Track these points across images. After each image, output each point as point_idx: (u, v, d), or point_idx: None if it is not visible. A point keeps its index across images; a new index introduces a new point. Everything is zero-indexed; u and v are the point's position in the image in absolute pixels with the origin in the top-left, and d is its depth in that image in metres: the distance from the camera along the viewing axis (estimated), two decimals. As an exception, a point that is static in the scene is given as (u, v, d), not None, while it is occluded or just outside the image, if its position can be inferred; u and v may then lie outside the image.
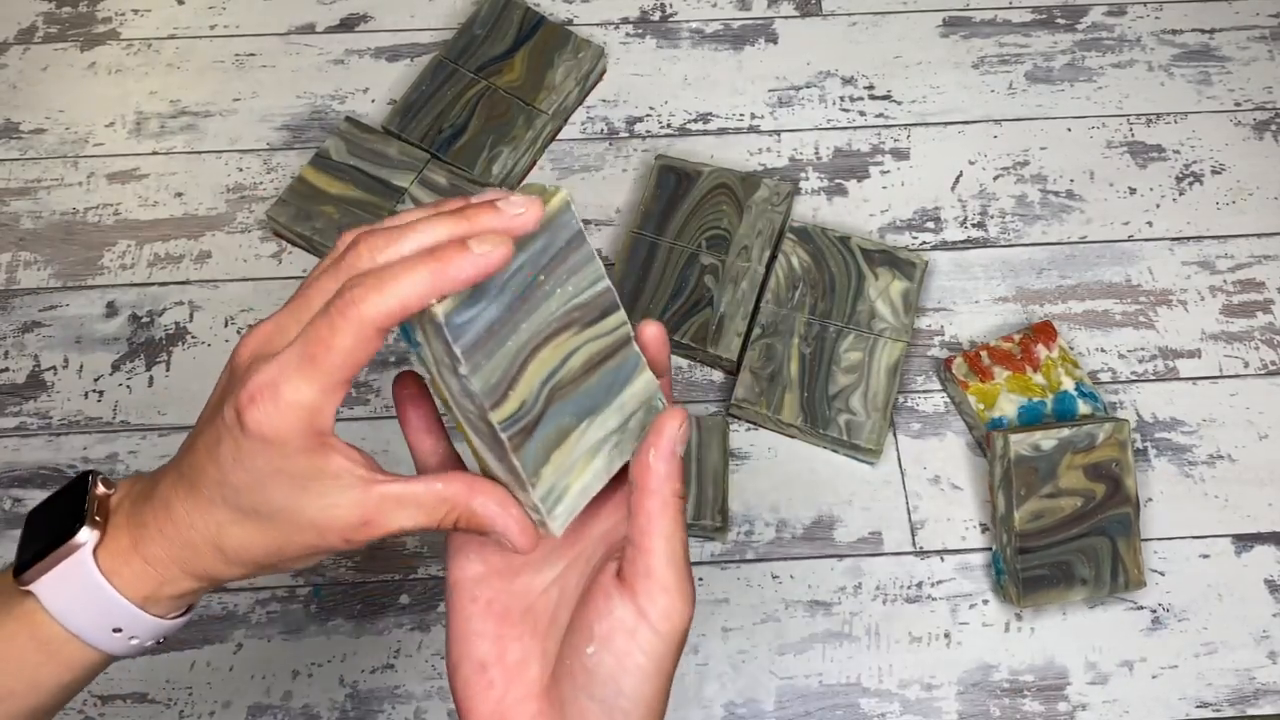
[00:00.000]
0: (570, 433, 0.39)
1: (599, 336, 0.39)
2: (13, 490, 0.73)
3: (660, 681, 0.38)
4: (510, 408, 0.37)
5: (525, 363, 0.37)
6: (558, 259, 0.38)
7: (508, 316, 0.37)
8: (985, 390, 0.73)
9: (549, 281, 0.37)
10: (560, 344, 0.38)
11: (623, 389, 0.40)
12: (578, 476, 0.39)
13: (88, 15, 0.91)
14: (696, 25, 0.91)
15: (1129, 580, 0.68)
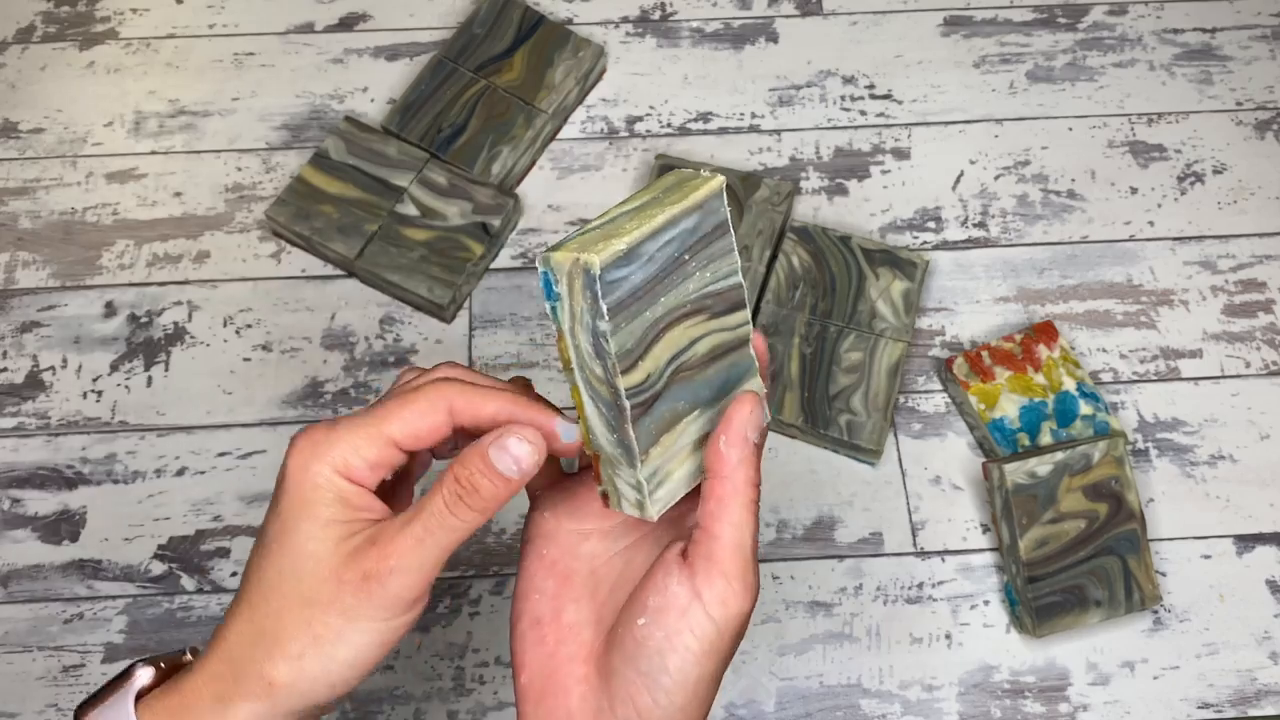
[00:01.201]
0: (681, 419, 0.39)
1: (724, 329, 0.39)
2: (11, 490, 0.73)
3: (708, 666, 0.37)
4: (637, 377, 0.37)
5: (659, 336, 0.37)
6: (703, 242, 0.38)
7: (651, 286, 0.37)
8: (986, 390, 0.73)
9: (692, 262, 0.38)
10: (691, 327, 0.38)
11: (734, 388, 0.40)
12: (680, 464, 0.39)
13: (86, 15, 0.91)
14: (697, 24, 0.91)
15: (1144, 597, 0.67)
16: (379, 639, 0.36)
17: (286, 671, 0.36)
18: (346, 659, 0.36)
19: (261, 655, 0.37)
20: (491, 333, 0.78)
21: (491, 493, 0.36)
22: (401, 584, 0.36)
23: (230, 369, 0.77)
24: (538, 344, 0.77)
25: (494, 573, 0.71)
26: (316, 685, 0.36)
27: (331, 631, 0.36)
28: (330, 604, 0.36)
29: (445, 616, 0.69)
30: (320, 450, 0.37)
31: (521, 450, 0.37)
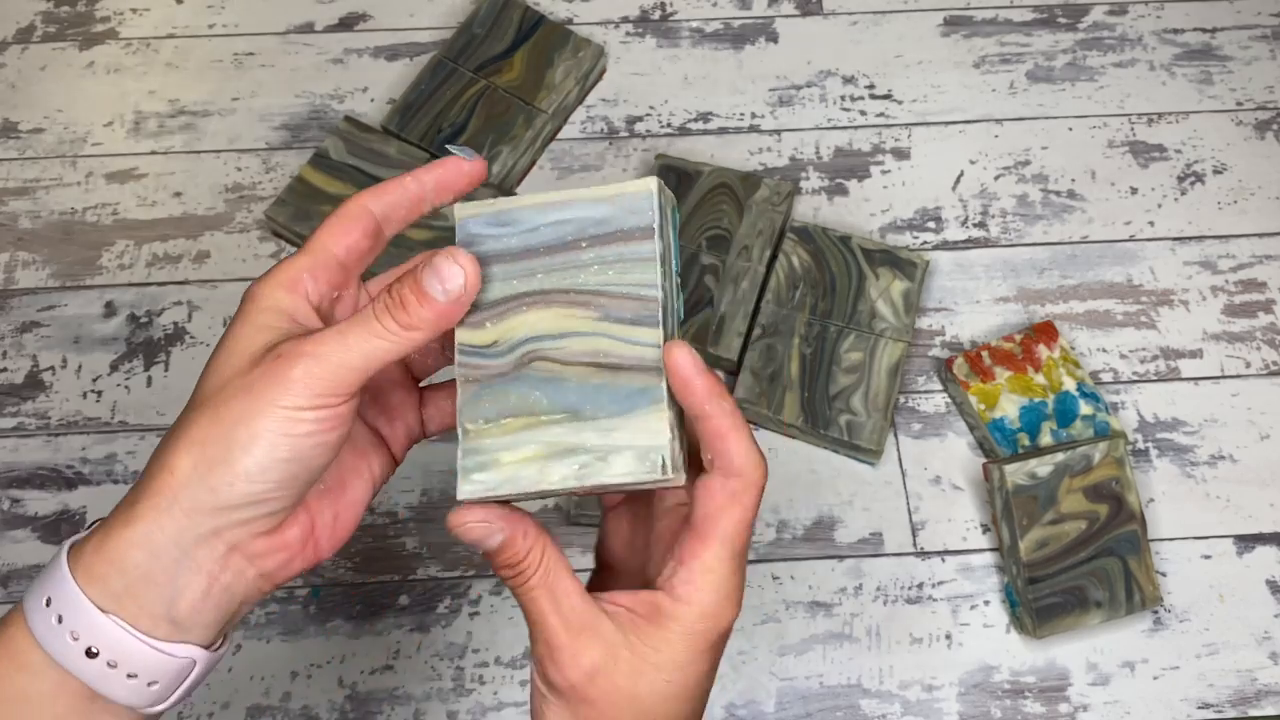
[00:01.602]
0: (538, 414, 0.36)
1: (618, 340, 0.36)
2: (11, 490, 0.73)
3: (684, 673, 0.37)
4: (481, 338, 0.36)
5: (517, 308, 0.36)
6: (613, 237, 0.36)
7: (527, 256, 0.36)
8: (986, 390, 0.73)
9: (589, 250, 0.36)
10: (568, 316, 0.36)
11: (623, 416, 0.36)
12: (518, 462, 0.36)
13: (86, 15, 0.91)
14: (697, 24, 0.91)
15: (1145, 598, 0.67)
16: (283, 426, 0.34)
17: (187, 457, 0.34)
18: (246, 442, 0.34)
19: (167, 447, 0.35)
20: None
21: (416, 311, 0.35)
22: (309, 369, 0.34)
23: (230, 369, 0.77)
24: (538, 344, 0.77)
25: (494, 573, 0.71)
26: (218, 472, 0.34)
27: (233, 413, 0.34)
28: (239, 389, 0.35)
29: (445, 616, 0.69)
30: (268, 276, 0.38)
31: (449, 271, 0.35)
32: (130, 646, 0.34)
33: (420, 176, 0.40)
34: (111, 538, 0.35)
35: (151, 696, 0.36)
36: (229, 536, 0.35)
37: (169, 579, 0.35)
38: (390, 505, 0.72)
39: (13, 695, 0.35)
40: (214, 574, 0.35)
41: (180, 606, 0.35)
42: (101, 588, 0.34)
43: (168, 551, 0.34)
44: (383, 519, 0.72)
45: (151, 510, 0.34)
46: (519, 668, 0.68)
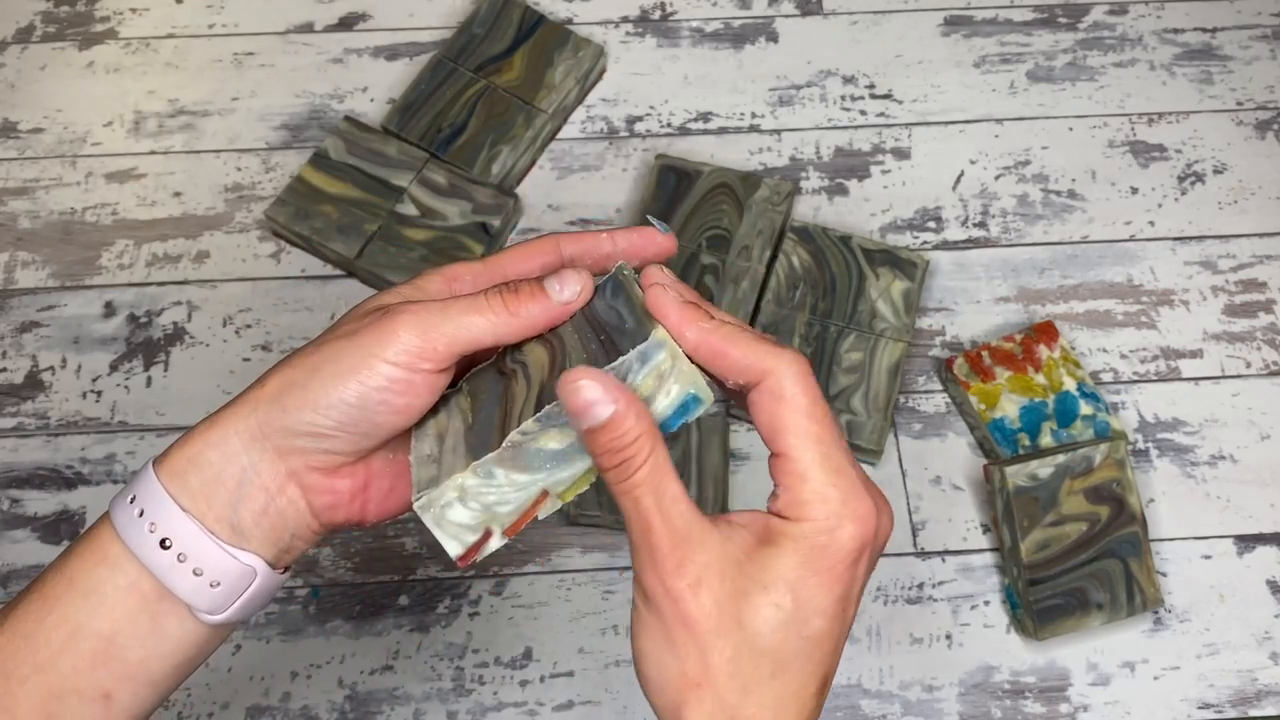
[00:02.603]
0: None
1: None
2: (10, 491, 0.73)
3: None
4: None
5: None
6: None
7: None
8: (987, 390, 0.73)
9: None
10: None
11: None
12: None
13: (86, 14, 0.91)
14: (697, 24, 0.91)
15: (1146, 599, 0.67)
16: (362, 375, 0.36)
17: (276, 378, 0.37)
18: (324, 376, 0.36)
19: (270, 370, 0.38)
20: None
21: (529, 302, 0.37)
22: (407, 324, 0.36)
23: (230, 369, 0.77)
24: (538, 344, 0.77)
25: (494, 573, 0.71)
26: (291, 398, 0.37)
27: (330, 350, 0.37)
28: (346, 332, 0.37)
29: (445, 617, 0.69)
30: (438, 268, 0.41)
31: (570, 279, 0.38)
32: (200, 542, 0.37)
33: (616, 238, 0.41)
34: (195, 437, 0.38)
35: (212, 599, 0.37)
36: (290, 460, 0.37)
37: (236, 485, 0.37)
38: (390, 505, 0.72)
39: (89, 587, 0.37)
40: (271, 494, 0.38)
41: (242, 514, 0.37)
42: (180, 484, 0.37)
43: (238, 457, 0.37)
44: (382, 519, 0.72)
45: (234, 415, 0.37)
46: (519, 668, 0.68)
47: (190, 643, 0.38)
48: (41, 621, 0.37)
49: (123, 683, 0.37)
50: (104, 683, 0.37)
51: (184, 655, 0.38)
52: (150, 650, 0.38)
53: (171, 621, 0.38)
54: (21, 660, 0.37)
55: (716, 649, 0.33)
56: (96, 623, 0.37)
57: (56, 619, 0.37)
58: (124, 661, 0.37)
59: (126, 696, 0.38)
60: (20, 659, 0.37)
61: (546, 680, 0.68)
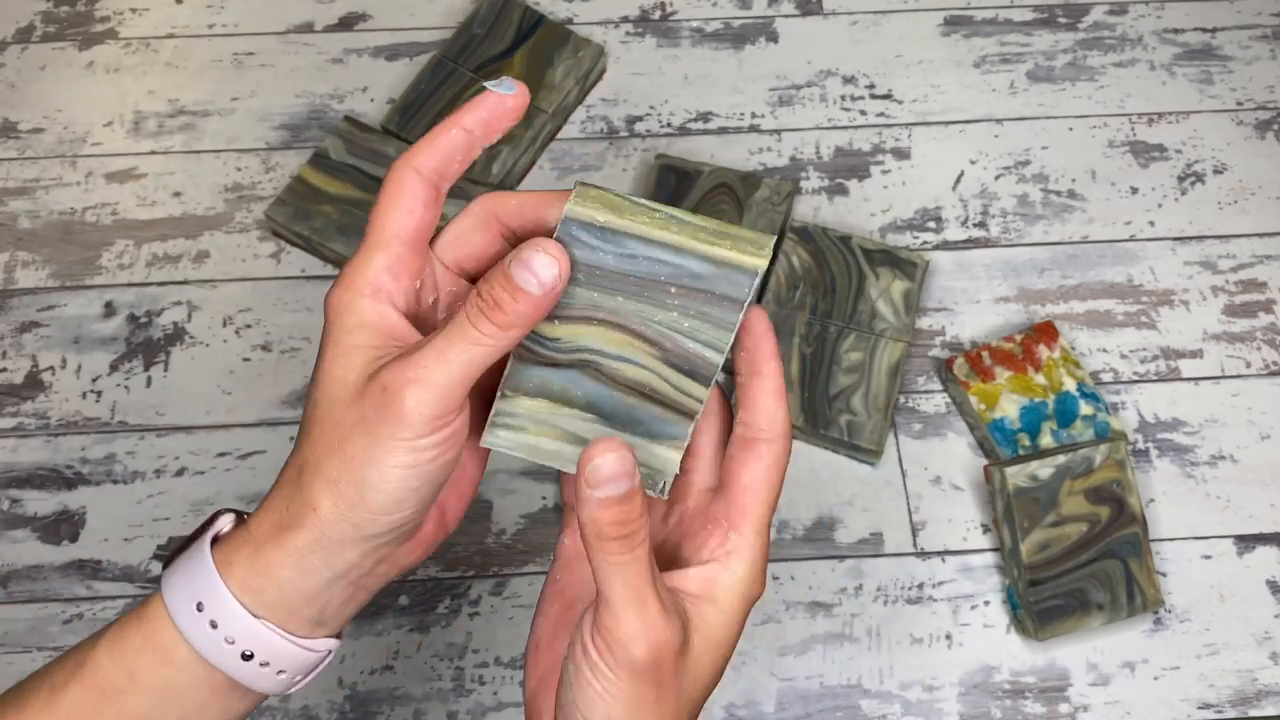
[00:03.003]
0: (571, 406, 0.38)
1: (669, 383, 0.38)
2: (10, 491, 0.73)
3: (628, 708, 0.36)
4: (545, 329, 0.37)
5: (591, 318, 0.37)
6: (701, 295, 0.37)
7: (616, 278, 0.37)
8: (987, 390, 0.73)
9: (676, 298, 0.37)
10: (632, 344, 0.37)
11: (647, 439, 0.38)
12: (541, 435, 0.38)
13: (86, 14, 0.91)
14: (697, 24, 0.91)
15: (1146, 600, 0.67)
16: (408, 459, 0.35)
17: (327, 497, 0.35)
18: (378, 482, 0.35)
19: (306, 483, 0.36)
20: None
21: (512, 308, 0.35)
22: (419, 398, 0.34)
23: (230, 369, 0.77)
24: (538, 344, 0.77)
25: (494, 573, 0.71)
26: (358, 511, 0.35)
27: (360, 452, 0.35)
28: (356, 424, 0.35)
29: (445, 617, 0.69)
30: (346, 283, 0.37)
31: (540, 262, 0.35)
32: (283, 648, 0.37)
33: (463, 123, 0.38)
34: (265, 554, 0.36)
35: (291, 683, 0.38)
36: (376, 555, 0.37)
37: (319, 592, 0.37)
38: (390, 505, 0.72)
39: (156, 686, 0.37)
40: (357, 585, 0.37)
41: (327, 613, 0.37)
42: (255, 598, 0.36)
43: (320, 573, 0.36)
44: (382, 519, 0.72)
45: (302, 539, 0.36)
46: (519, 668, 0.68)
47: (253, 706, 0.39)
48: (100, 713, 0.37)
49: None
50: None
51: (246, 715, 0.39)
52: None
53: (241, 702, 0.38)
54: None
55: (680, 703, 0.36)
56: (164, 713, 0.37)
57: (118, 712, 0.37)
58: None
59: None
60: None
61: (546, 680, 0.68)
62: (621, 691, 0.35)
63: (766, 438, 0.38)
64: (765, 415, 0.38)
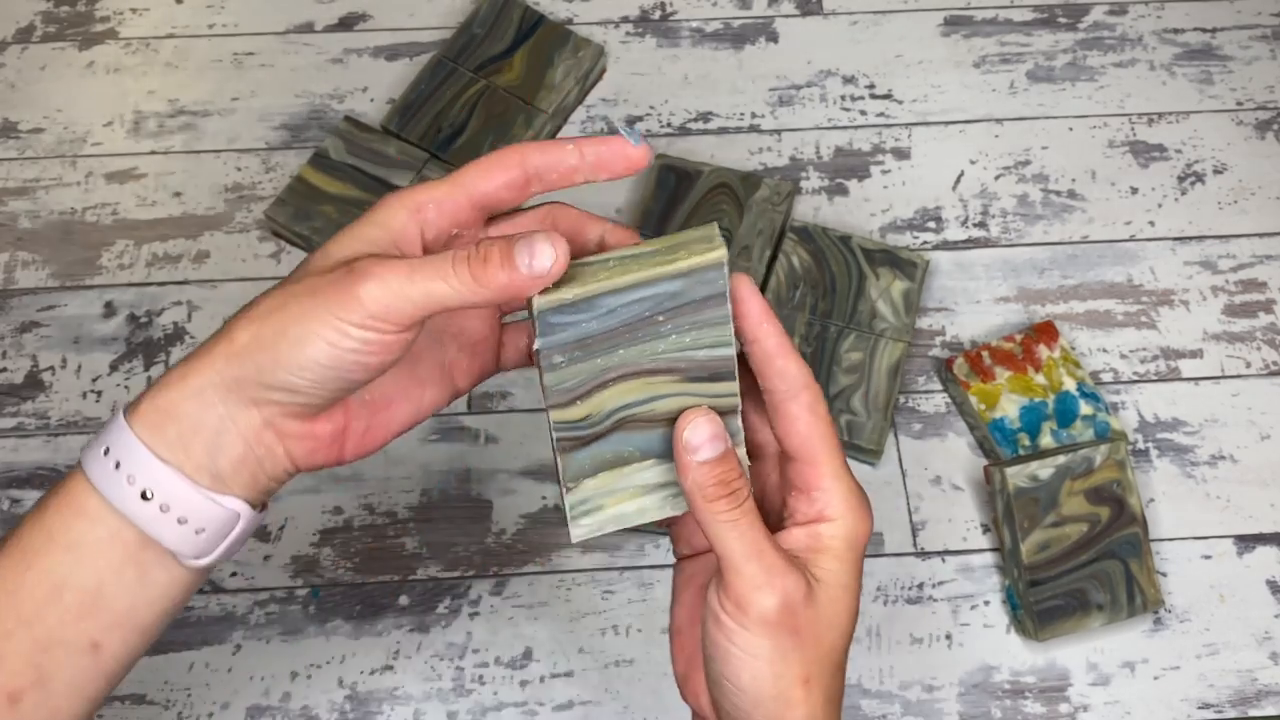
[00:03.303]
0: (630, 463, 0.39)
1: (702, 395, 0.39)
2: (10, 491, 0.73)
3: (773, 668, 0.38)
4: (572, 414, 0.38)
5: (605, 384, 0.38)
6: (687, 308, 0.38)
7: (608, 337, 0.38)
8: (987, 390, 0.73)
9: (667, 324, 0.38)
10: (652, 383, 0.38)
11: None
12: (619, 502, 0.40)
13: (86, 14, 0.91)
14: (697, 24, 0.91)
15: (1147, 600, 0.67)
16: (331, 335, 0.36)
17: (246, 332, 0.37)
18: (296, 338, 0.36)
19: (237, 319, 0.38)
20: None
21: (496, 271, 0.36)
22: (369, 290, 0.35)
23: (230, 369, 0.77)
24: (538, 344, 0.77)
25: (494, 573, 0.71)
26: (266, 353, 0.36)
27: (297, 306, 0.36)
28: (310, 289, 0.37)
29: (445, 617, 0.69)
30: (403, 192, 0.39)
31: (543, 249, 0.36)
32: (182, 491, 0.37)
33: (583, 148, 0.40)
34: (168, 389, 0.38)
35: (198, 545, 0.38)
36: (266, 412, 0.37)
37: (214, 434, 0.37)
38: (390, 505, 0.72)
39: (70, 542, 0.37)
40: (249, 441, 0.38)
41: (221, 462, 0.38)
42: (157, 435, 0.37)
43: (215, 408, 0.37)
44: (383, 519, 0.72)
45: (205, 367, 0.37)
46: (519, 668, 0.68)
47: (176, 587, 0.39)
48: (22, 577, 0.37)
49: (111, 631, 0.38)
50: (92, 633, 0.37)
51: (170, 600, 0.39)
52: (137, 598, 0.38)
53: (157, 569, 0.38)
54: (5, 614, 0.37)
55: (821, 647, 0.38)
56: (81, 576, 0.37)
57: (38, 574, 0.37)
58: (111, 611, 0.38)
59: (116, 644, 0.38)
60: (3, 614, 0.37)
61: (546, 680, 0.68)
62: (762, 648, 0.37)
63: (791, 394, 0.39)
64: (777, 374, 0.39)
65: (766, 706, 0.38)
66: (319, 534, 0.71)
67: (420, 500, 0.73)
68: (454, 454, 0.74)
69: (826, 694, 0.39)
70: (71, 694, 0.38)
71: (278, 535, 0.71)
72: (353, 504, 0.72)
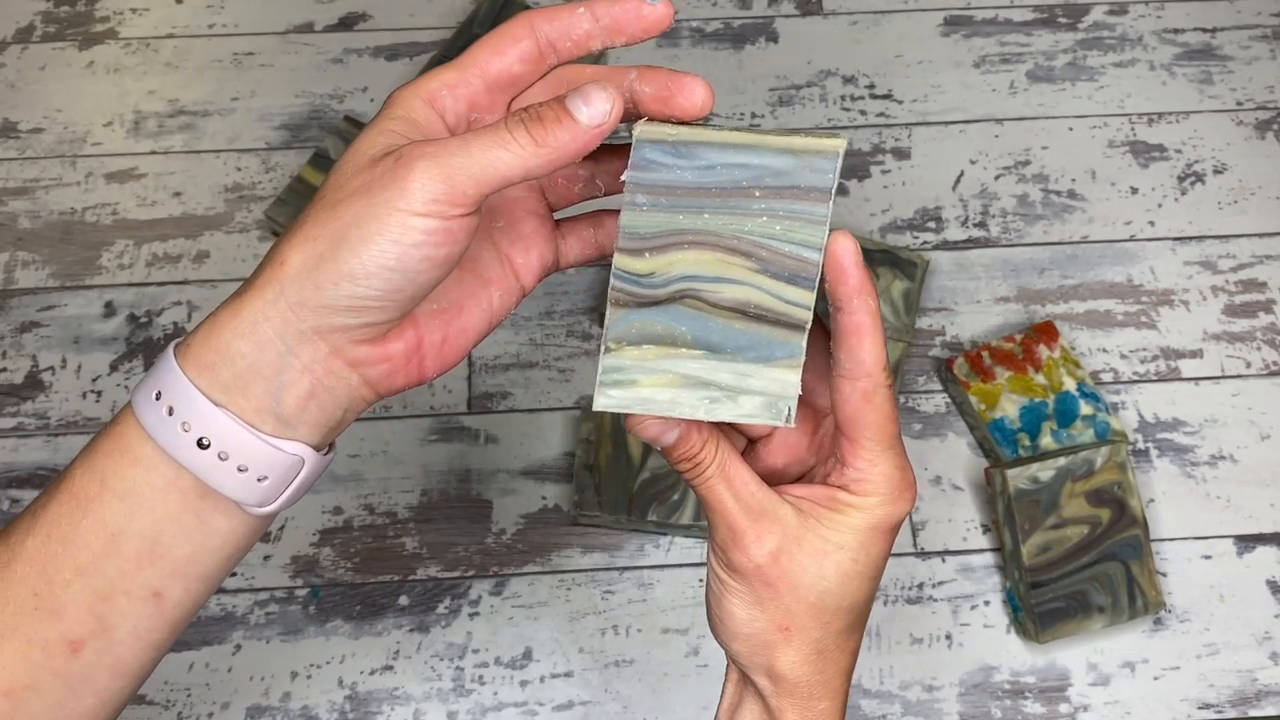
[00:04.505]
0: (679, 346, 0.37)
1: (773, 295, 0.37)
2: (10, 491, 0.73)
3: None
4: (638, 266, 0.37)
5: (681, 245, 0.36)
6: (787, 191, 0.36)
7: (697, 193, 0.36)
8: (987, 390, 0.73)
9: (761, 200, 0.36)
10: (727, 262, 0.36)
11: (760, 364, 0.37)
12: (655, 385, 0.37)
13: (86, 14, 0.91)
14: (697, 24, 0.91)
15: (1148, 603, 0.67)
16: (395, 232, 0.33)
17: (298, 253, 0.34)
18: (356, 243, 0.33)
19: (284, 243, 0.34)
20: (491, 333, 0.78)
21: (554, 128, 0.34)
22: (427, 171, 0.33)
23: (230, 369, 0.77)
24: (537, 344, 0.77)
25: (494, 573, 0.71)
26: (325, 269, 0.33)
27: (350, 212, 0.33)
28: (358, 190, 0.34)
29: (445, 617, 0.69)
30: (410, 84, 0.37)
31: (597, 95, 0.34)
32: (241, 438, 0.34)
33: (595, 10, 0.37)
34: (219, 327, 0.34)
35: (260, 493, 0.36)
36: (332, 339, 0.34)
37: (274, 372, 0.34)
38: (390, 505, 0.72)
39: (124, 490, 0.35)
40: (317, 375, 0.35)
41: (286, 403, 0.35)
42: (211, 379, 0.34)
43: (273, 345, 0.34)
44: (383, 519, 0.72)
45: (259, 300, 0.34)
46: (519, 668, 0.68)
47: (239, 534, 0.37)
48: (77, 525, 0.35)
49: (172, 580, 0.36)
50: (152, 581, 0.36)
51: (233, 546, 0.37)
52: (198, 546, 0.36)
53: (218, 517, 0.36)
54: (62, 564, 0.35)
55: (801, 599, 0.39)
56: (138, 524, 0.35)
57: (93, 522, 0.35)
58: (172, 560, 0.36)
59: (178, 592, 0.36)
60: (60, 563, 0.35)
61: (546, 680, 0.68)
62: (742, 596, 0.39)
63: (851, 375, 0.39)
64: (848, 351, 0.39)
65: (750, 645, 0.39)
66: (319, 534, 0.71)
67: (420, 500, 0.73)
68: (454, 454, 0.74)
69: (816, 646, 0.39)
70: (135, 642, 0.36)
71: (278, 535, 0.71)
72: (353, 504, 0.72)
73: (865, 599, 0.41)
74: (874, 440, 0.39)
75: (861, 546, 0.40)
